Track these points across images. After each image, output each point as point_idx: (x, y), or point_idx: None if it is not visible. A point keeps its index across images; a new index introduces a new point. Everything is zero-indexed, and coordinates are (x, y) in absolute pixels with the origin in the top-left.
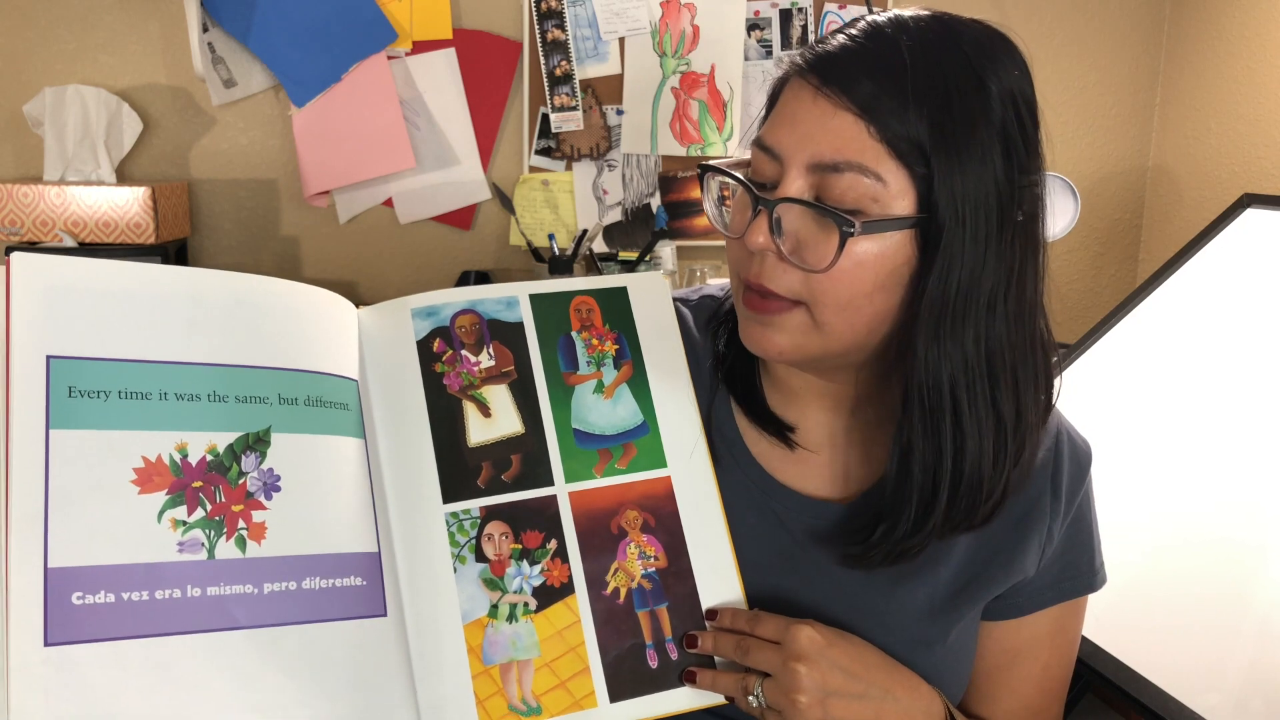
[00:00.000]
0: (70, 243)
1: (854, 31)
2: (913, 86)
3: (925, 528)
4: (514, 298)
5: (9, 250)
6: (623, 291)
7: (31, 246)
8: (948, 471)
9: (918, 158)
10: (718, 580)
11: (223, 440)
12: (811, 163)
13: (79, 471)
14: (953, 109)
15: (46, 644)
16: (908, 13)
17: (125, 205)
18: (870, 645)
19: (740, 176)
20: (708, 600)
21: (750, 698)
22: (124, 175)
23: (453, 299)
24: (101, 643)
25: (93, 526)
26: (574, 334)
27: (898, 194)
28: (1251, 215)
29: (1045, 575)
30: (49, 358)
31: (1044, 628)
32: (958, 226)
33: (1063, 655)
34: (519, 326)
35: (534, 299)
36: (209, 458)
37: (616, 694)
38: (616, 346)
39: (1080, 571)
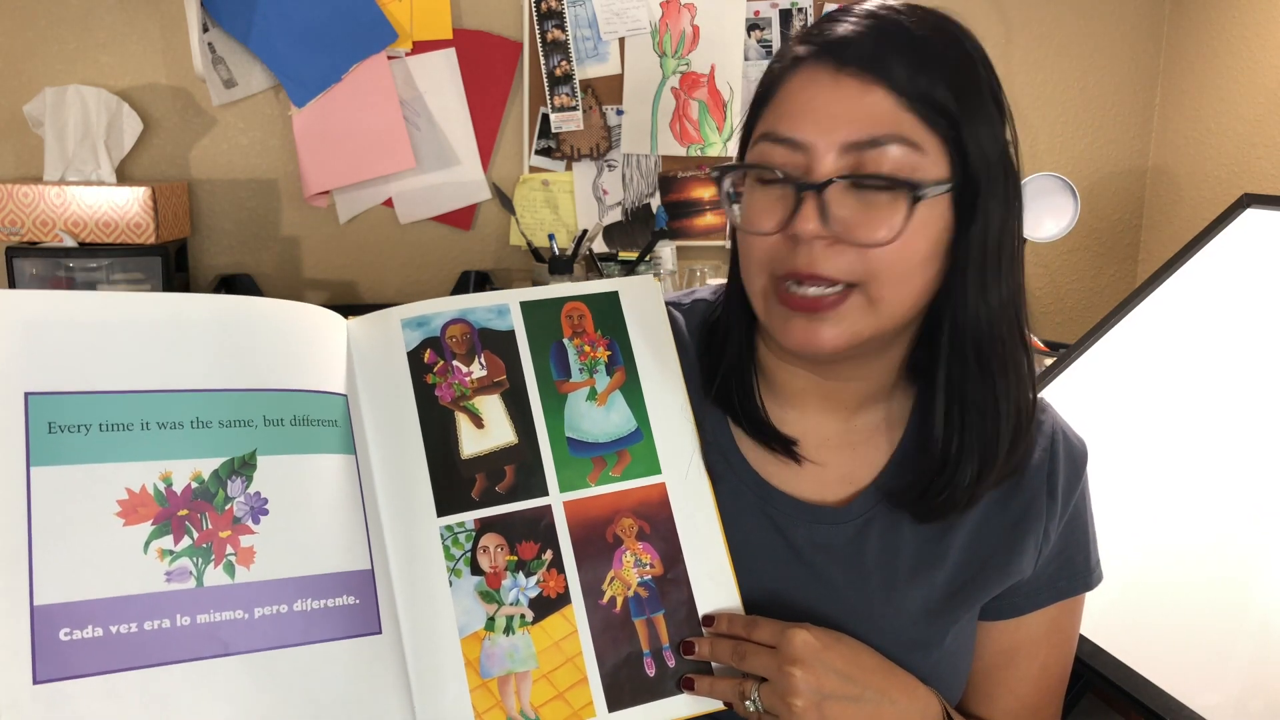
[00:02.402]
0: (70, 243)
1: (850, 19)
2: (929, 56)
3: (990, 472)
4: (505, 306)
5: (9, 250)
6: (614, 296)
7: (32, 246)
8: (1007, 413)
9: (945, 123)
10: (714, 586)
11: (208, 467)
12: (847, 143)
13: (61, 508)
14: (962, 73)
15: (35, 682)
16: (872, 4)
17: (125, 205)
18: (867, 648)
19: (775, 168)
20: (704, 607)
21: (747, 702)
22: (124, 175)
23: (443, 309)
24: (92, 677)
25: (78, 561)
26: (566, 341)
27: (934, 160)
28: (1251, 215)
29: (1042, 575)
30: (27, 395)
31: (1041, 627)
32: (989, 183)
33: (1060, 654)
34: (510, 335)
35: (525, 306)
36: (194, 485)
37: (615, 703)
38: (609, 353)
39: (1077, 571)
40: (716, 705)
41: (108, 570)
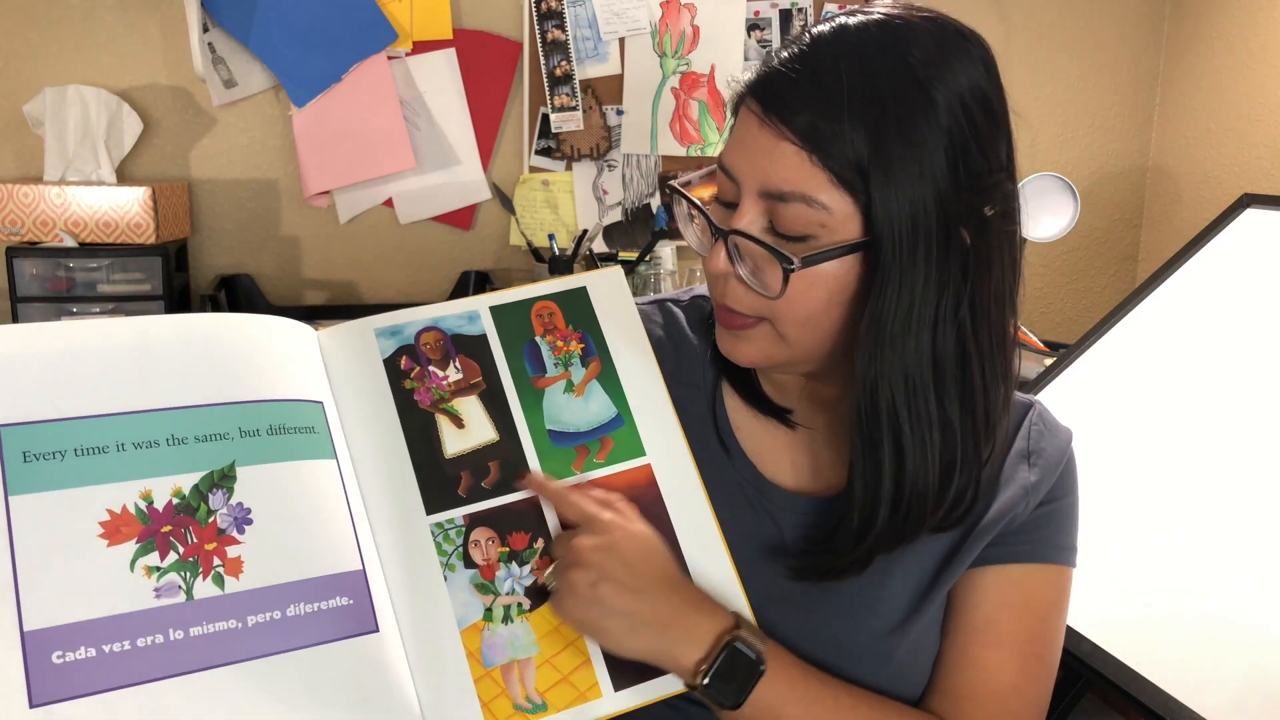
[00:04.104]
0: (70, 243)
1: (795, 50)
2: (850, 110)
3: (865, 543)
4: (475, 311)
5: (9, 250)
6: (582, 291)
7: (32, 246)
8: (888, 491)
9: (860, 182)
10: (707, 560)
11: (187, 482)
12: (761, 190)
13: (44, 533)
14: (892, 128)
15: (32, 706)
16: (854, 21)
17: (125, 205)
18: (669, 558)
19: (699, 204)
20: (699, 578)
21: (547, 575)
22: (124, 175)
23: (415, 318)
24: (89, 697)
25: (65, 585)
26: (538, 339)
27: (844, 219)
28: (1251, 215)
29: (1006, 534)
30: (0, 427)
31: (1000, 587)
32: (896, 249)
33: (1029, 631)
34: (483, 338)
35: (494, 310)
36: (175, 501)
37: (620, 683)
38: (582, 345)
39: (1046, 542)
40: None
41: (96, 591)
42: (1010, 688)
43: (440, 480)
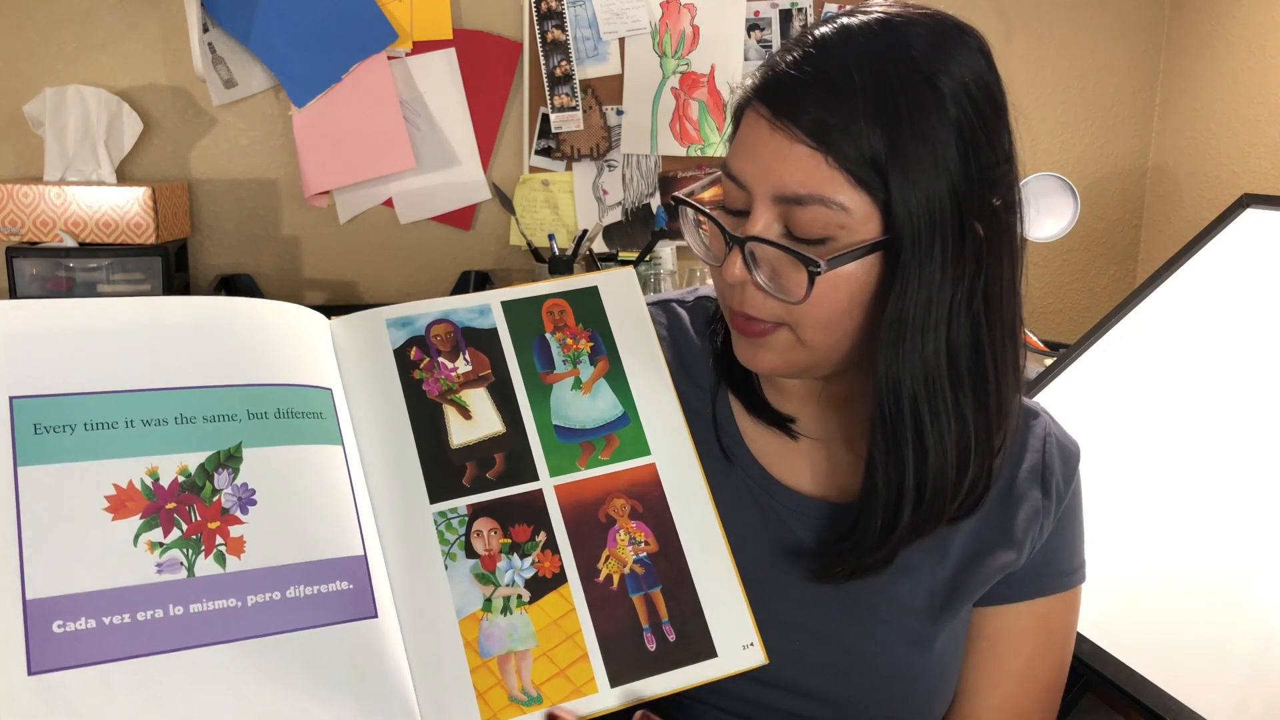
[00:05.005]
0: (70, 243)
1: (800, 53)
2: (864, 110)
3: (890, 539)
4: (486, 306)
5: (9, 250)
6: (594, 291)
7: (32, 246)
8: (911, 486)
9: (878, 180)
10: (709, 559)
11: (193, 461)
12: (775, 195)
13: (50, 504)
14: (904, 123)
15: (30, 673)
16: (854, 21)
17: (125, 205)
18: None
19: (711, 214)
20: (701, 580)
21: None
22: (124, 175)
23: (426, 310)
24: (87, 667)
25: (68, 556)
26: (548, 335)
27: (863, 219)
28: (1251, 216)
29: (1028, 567)
30: (12, 399)
31: (1027, 621)
32: (915, 245)
33: (1049, 656)
34: (493, 332)
35: (506, 305)
36: (181, 479)
37: (616, 679)
38: (591, 344)
39: (1061, 568)
40: (719, 674)
41: (98, 564)
42: (1021, 716)
43: (445, 470)
